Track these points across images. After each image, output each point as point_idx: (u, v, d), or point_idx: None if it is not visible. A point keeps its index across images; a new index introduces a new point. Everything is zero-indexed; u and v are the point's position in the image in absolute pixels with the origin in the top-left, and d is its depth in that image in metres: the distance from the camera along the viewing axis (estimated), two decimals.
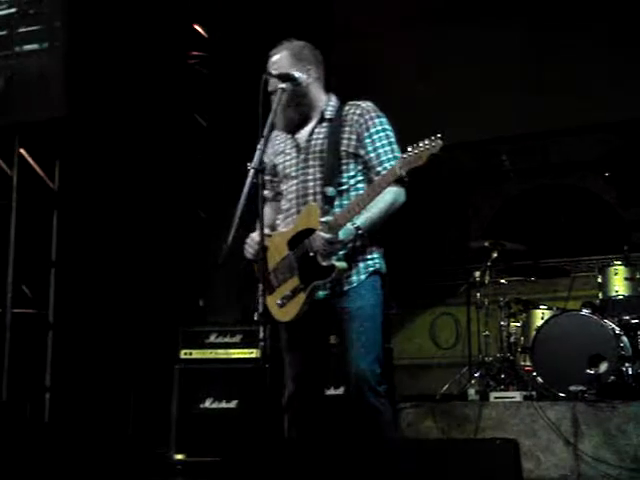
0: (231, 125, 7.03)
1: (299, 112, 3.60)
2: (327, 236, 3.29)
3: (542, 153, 7.76)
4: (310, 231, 3.38)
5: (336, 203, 3.46)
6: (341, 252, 3.36)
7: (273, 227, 3.70)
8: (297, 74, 3.52)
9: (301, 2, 7.20)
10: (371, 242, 3.48)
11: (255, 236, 3.54)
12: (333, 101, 3.64)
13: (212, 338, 5.81)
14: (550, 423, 5.00)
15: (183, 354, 5.79)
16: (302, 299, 3.40)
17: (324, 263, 3.34)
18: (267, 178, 3.72)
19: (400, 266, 3.62)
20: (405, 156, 3.18)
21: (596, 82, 6.65)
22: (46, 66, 6.42)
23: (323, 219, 3.33)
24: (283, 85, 3.47)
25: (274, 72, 3.58)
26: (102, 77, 6.58)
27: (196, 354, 5.80)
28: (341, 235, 3.31)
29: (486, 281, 6.31)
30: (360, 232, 3.36)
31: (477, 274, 6.31)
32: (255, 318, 3.27)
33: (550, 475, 4.92)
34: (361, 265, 3.46)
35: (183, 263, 7.19)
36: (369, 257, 3.48)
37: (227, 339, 5.80)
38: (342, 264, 3.34)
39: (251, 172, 3.27)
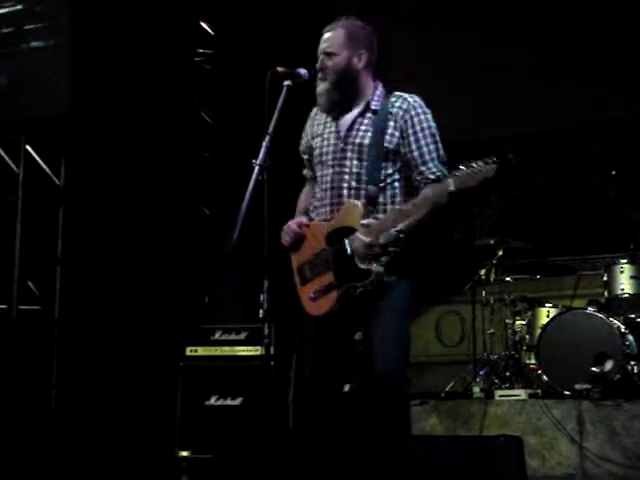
0: (237, 122, 7.03)
1: (345, 96, 3.48)
2: (367, 239, 3.23)
3: (548, 151, 7.74)
4: (350, 229, 3.30)
5: None
6: (383, 258, 3.27)
7: (306, 211, 3.63)
8: (303, 71, 3.44)
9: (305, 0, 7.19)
10: (407, 245, 3.37)
11: (292, 224, 3.51)
12: (379, 90, 3.52)
13: (217, 335, 5.81)
14: (555, 421, 4.99)
15: (188, 351, 5.79)
16: (335, 297, 3.33)
17: (362, 266, 3.26)
18: (305, 157, 3.67)
19: None
20: (459, 174, 3.13)
21: (601, 79, 6.64)
22: (52, 63, 6.43)
23: (365, 221, 3.27)
24: (288, 82, 3.38)
25: (325, 50, 3.46)
26: (107, 74, 6.59)
27: (201, 351, 5.79)
28: (382, 239, 3.24)
29: (491, 279, 6.30)
30: (402, 237, 3.26)
31: (482, 272, 6.31)
32: (260, 315, 3.23)
33: (555, 473, 4.91)
34: (394, 266, 3.36)
35: (188, 260, 7.19)
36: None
37: (232, 336, 5.79)
38: (380, 269, 3.26)
39: (256, 169, 3.22)
